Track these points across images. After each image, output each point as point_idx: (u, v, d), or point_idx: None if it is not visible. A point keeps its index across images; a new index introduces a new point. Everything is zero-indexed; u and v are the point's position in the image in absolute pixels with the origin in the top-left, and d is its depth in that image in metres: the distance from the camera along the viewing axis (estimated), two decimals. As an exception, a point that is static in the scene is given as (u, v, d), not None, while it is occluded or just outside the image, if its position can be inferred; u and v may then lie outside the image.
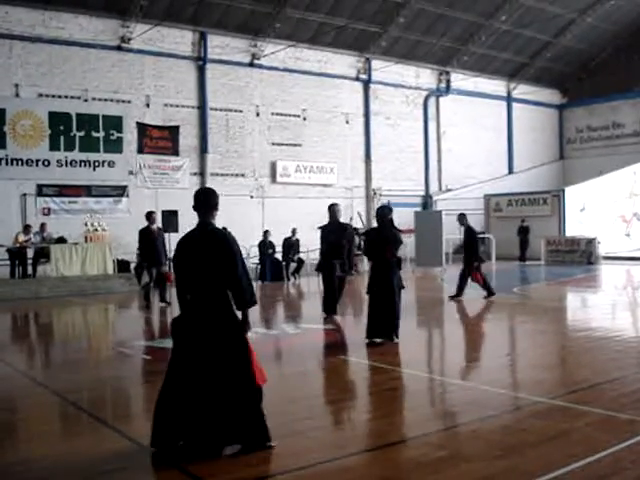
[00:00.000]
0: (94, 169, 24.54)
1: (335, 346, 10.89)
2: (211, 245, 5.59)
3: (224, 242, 5.61)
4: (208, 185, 26.78)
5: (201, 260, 5.57)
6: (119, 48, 25.14)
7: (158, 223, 17.03)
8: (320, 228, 13.07)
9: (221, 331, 5.56)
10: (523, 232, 28.72)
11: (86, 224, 21.66)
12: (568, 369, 8.91)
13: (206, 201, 5.81)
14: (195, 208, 5.79)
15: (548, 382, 8.10)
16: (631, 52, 36.16)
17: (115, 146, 24.87)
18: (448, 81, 35.10)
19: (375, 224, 11.43)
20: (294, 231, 22.96)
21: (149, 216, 16.24)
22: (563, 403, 6.82)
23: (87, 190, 24.44)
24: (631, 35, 36.35)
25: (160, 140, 25.73)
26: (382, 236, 10.63)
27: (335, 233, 12.73)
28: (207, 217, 5.75)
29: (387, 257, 10.41)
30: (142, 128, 25.35)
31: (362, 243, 12.66)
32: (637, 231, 31.91)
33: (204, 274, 5.56)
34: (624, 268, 25.51)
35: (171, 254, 7.30)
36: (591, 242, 27.38)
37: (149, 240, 15.90)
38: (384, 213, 10.78)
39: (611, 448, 5.39)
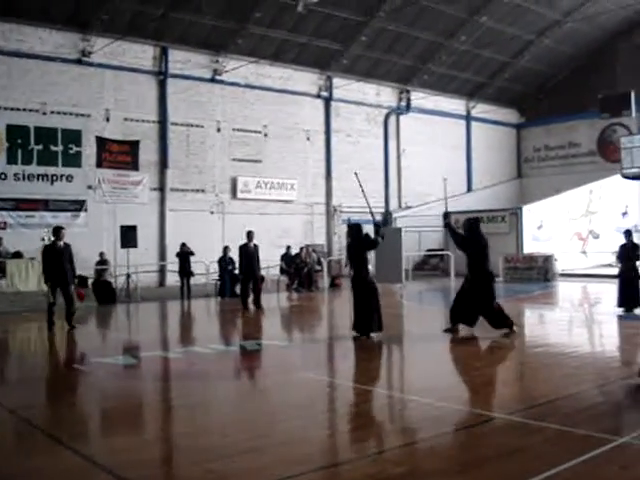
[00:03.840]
0: (52, 183, 24.24)
1: (295, 363, 10.87)
2: None
3: None
4: (168, 200, 26.74)
5: None
6: (79, 62, 24.93)
7: (66, 239, 14.96)
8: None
9: None
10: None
11: (43, 239, 21.34)
12: (525, 385, 9.00)
13: None
14: None
15: (506, 398, 8.17)
16: (587, 73, 36.84)
17: (74, 160, 24.59)
18: (408, 99, 35.43)
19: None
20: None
21: (57, 232, 14.82)
22: (520, 419, 6.87)
23: (45, 204, 24.10)
24: (588, 57, 37.08)
25: (119, 154, 25.50)
26: None
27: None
28: None
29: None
30: (101, 142, 25.09)
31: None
32: (593, 249, 32.40)
33: None
34: (580, 285, 25.87)
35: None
36: (548, 259, 27.72)
37: (55, 258, 14.53)
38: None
39: (567, 463, 5.44)
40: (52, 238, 14.99)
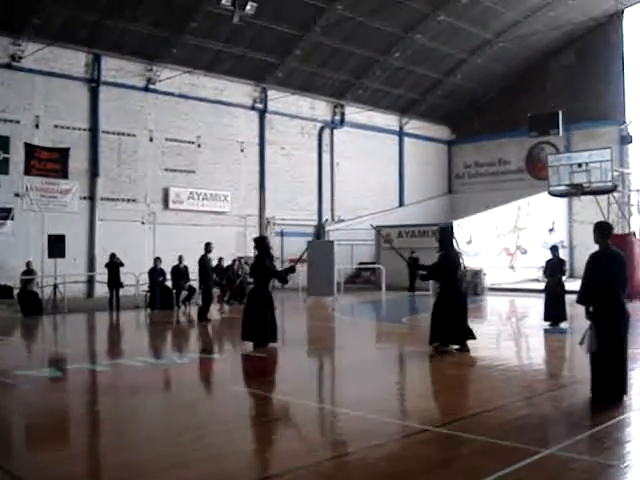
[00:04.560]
0: (-23, 190, 23.55)
1: (225, 376, 10.78)
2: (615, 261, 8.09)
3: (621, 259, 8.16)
4: (98, 209, 26.31)
5: (608, 271, 8.02)
6: (9, 66, 24.35)
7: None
8: None
9: (615, 320, 7.92)
10: (414, 263, 29.20)
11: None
12: (454, 397, 9.09)
13: (603, 230, 8.30)
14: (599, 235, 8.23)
15: (434, 410, 8.25)
16: (517, 92, 37.79)
17: (1, 167, 23.83)
18: (342, 114, 35.69)
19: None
20: (180, 258, 22.46)
21: None
22: (448, 431, 6.94)
23: (-31, 212, 23.41)
24: (518, 76, 38.03)
25: (49, 162, 24.85)
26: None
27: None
28: (605, 241, 8.17)
29: None
30: (30, 149, 24.39)
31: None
32: (520, 264, 33.10)
33: (610, 279, 7.97)
34: (508, 299, 26.36)
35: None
36: (477, 274, 28.17)
37: None
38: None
39: (494, 474, 5.50)
40: None
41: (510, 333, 17.27)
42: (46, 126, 25.40)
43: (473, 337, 12.40)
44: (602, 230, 8.35)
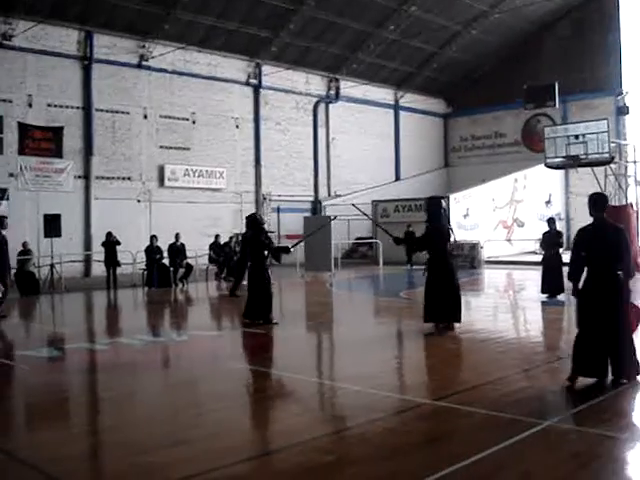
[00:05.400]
0: (-29, 171, 23.45)
1: (224, 353, 10.79)
2: (613, 233, 7.62)
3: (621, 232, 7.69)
4: (93, 188, 26.21)
5: (605, 245, 7.54)
6: (0, 45, 24.15)
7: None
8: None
9: (616, 294, 7.49)
10: (409, 237, 29.20)
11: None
12: (452, 371, 9.10)
13: (598, 202, 7.78)
14: (593, 206, 7.72)
15: (433, 384, 8.26)
16: (513, 64, 37.56)
17: (-6, 147, 23.81)
18: (337, 88, 35.52)
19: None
20: (177, 236, 22.45)
21: (2, 221, 14.74)
22: (447, 404, 6.95)
23: (-37, 193, 23.33)
24: (513, 48, 37.77)
25: (43, 141, 24.79)
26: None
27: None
28: (601, 214, 7.70)
29: None
30: (24, 128, 24.32)
31: None
32: (517, 236, 33.09)
33: (606, 254, 7.52)
34: (505, 272, 26.40)
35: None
36: (474, 247, 28.18)
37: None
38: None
39: (494, 447, 5.52)
40: None
41: (507, 306, 17.30)
42: (39, 105, 25.22)
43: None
44: (597, 202, 7.79)
